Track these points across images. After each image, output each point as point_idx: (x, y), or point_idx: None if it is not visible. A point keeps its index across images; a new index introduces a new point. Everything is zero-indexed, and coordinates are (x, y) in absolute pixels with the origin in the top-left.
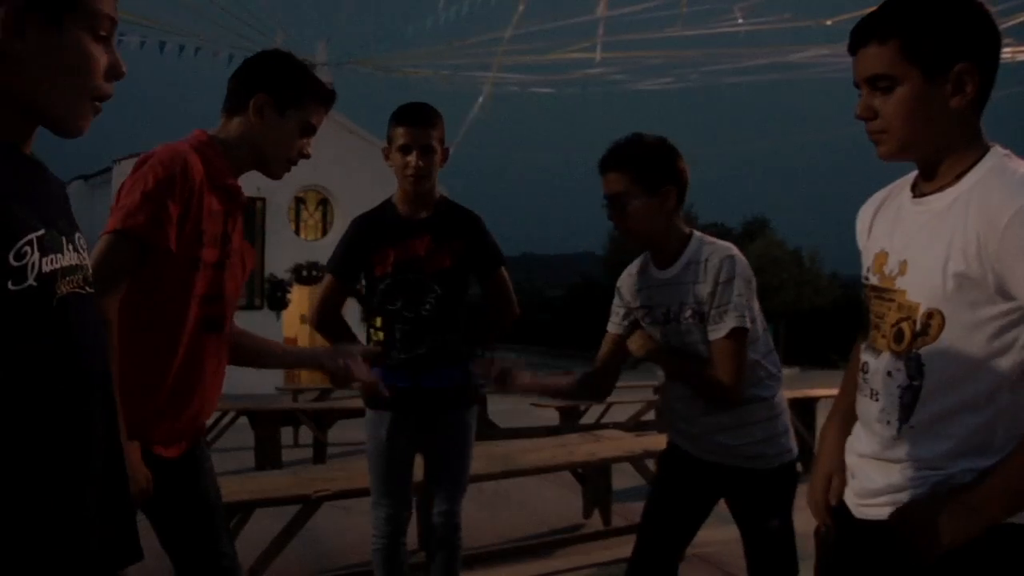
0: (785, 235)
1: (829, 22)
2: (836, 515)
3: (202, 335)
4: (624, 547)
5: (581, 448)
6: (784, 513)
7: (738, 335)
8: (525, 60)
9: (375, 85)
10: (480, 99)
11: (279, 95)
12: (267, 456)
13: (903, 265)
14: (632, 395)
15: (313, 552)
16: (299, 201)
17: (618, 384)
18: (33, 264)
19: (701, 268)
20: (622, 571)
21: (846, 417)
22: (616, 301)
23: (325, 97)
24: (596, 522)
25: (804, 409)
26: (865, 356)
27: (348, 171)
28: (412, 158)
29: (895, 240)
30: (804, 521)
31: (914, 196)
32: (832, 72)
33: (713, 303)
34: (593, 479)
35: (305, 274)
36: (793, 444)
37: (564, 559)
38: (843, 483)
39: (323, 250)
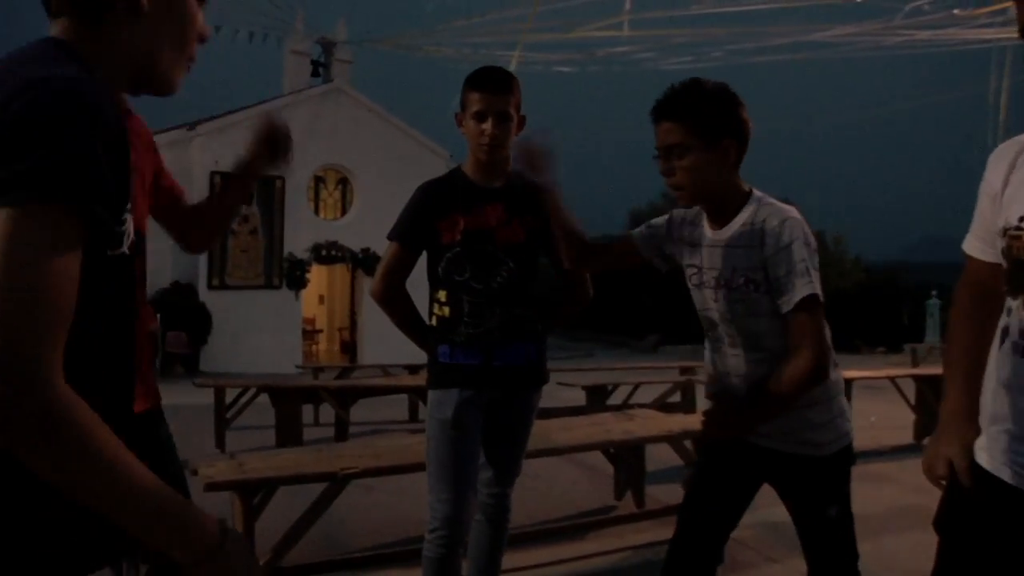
0: (808, 217)
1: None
2: (991, 495)
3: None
4: (658, 530)
5: (617, 427)
6: (842, 500)
7: (810, 303)
8: (548, 38)
9: (394, 63)
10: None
11: None
12: (288, 434)
13: None
14: (659, 375)
15: (334, 532)
16: (318, 180)
17: (644, 366)
18: (128, 233)
19: (758, 233)
20: (657, 554)
21: (972, 390)
22: (661, 224)
23: None
24: (628, 504)
25: None
26: None
27: (367, 150)
28: (487, 126)
29: None
30: (857, 505)
31: None
32: (858, 52)
33: (776, 272)
34: (626, 460)
35: (324, 253)
36: (850, 427)
37: (598, 542)
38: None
39: (342, 229)
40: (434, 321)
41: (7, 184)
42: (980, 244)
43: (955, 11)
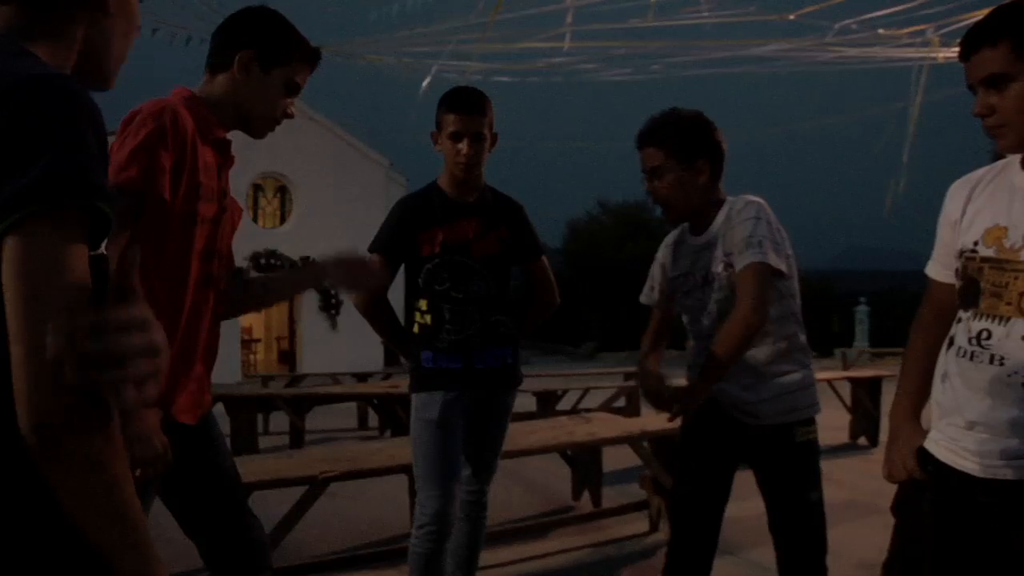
0: None
1: (792, 16)
2: (941, 479)
3: (201, 291)
4: (617, 527)
5: (579, 429)
6: (819, 487)
7: (755, 268)
8: (491, 48)
9: (336, 72)
10: (425, 82)
11: (265, 52)
12: (243, 442)
13: None
14: (604, 381)
15: (300, 537)
16: (257, 188)
17: (588, 372)
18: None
19: (729, 219)
20: (617, 550)
21: (920, 395)
22: (653, 272)
23: (311, 55)
24: (585, 504)
25: None
26: (980, 325)
27: (307, 158)
28: (463, 146)
29: (1015, 215)
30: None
31: None
32: (792, 67)
33: (733, 239)
34: (584, 461)
35: (263, 262)
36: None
37: (559, 539)
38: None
39: (281, 238)
40: (416, 329)
41: (28, 192)
42: (941, 268)
43: (880, 31)
